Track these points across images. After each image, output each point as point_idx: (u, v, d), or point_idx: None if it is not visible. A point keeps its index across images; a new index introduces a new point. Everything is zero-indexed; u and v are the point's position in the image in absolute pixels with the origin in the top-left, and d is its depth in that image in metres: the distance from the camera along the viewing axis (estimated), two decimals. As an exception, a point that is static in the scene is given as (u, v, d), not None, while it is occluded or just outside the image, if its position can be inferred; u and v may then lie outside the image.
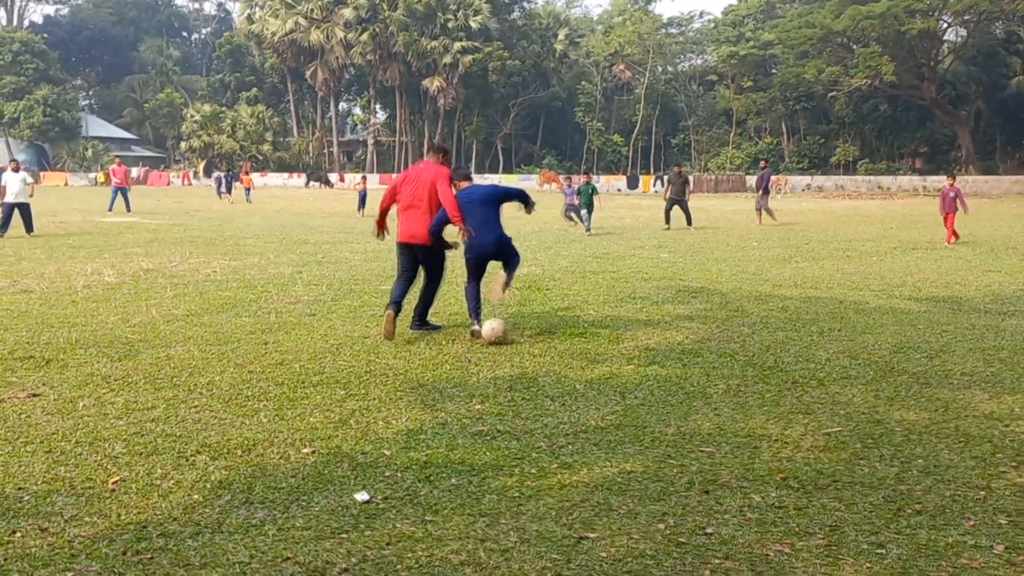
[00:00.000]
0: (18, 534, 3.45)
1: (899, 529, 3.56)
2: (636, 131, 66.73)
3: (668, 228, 21.14)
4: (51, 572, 3.13)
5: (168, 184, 61.26)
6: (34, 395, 5.49)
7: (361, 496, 3.88)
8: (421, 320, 7.88)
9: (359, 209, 26.99)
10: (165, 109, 72.51)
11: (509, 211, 8.07)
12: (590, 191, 19.32)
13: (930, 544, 3.42)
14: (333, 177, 61.93)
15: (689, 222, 21.61)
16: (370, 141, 70.81)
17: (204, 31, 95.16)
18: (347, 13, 63.31)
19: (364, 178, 32.17)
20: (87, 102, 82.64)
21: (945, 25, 55.39)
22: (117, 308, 8.80)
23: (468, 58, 61.15)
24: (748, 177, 57.46)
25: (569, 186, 21.20)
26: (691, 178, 23.52)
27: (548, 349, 7.10)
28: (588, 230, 19.26)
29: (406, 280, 7.76)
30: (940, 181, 22.52)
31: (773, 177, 27.60)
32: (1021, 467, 4.32)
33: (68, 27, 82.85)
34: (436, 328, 7.90)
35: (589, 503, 3.84)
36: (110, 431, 4.77)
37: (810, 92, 59.28)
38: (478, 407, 5.37)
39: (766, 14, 65.94)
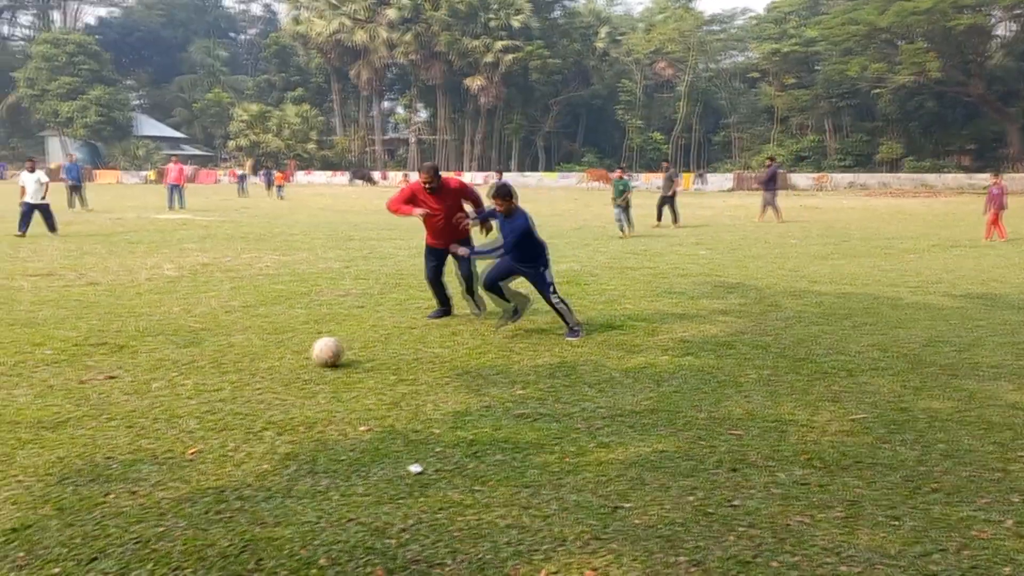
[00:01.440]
0: (111, 495, 3.87)
1: (915, 504, 3.82)
2: (677, 129, 66.52)
3: (657, 225, 21.06)
4: (144, 528, 3.53)
5: (216, 182, 62.57)
6: (111, 377, 5.94)
7: (415, 468, 4.24)
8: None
9: None
10: (213, 109, 74.06)
11: (549, 207, 8.38)
12: (622, 187, 18.65)
13: (943, 518, 3.67)
14: (376, 175, 62.74)
15: (675, 220, 21.41)
16: (412, 139, 71.57)
17: (251, 32, 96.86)
18: (391, 13, 64.07)
19: (406, 176, 32.70)
20: (138, 102, 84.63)
21: (994, 20, 54.33)
22: (179, 300, 9.29)
23: (509, 57, 61.54)
24: (791, 175, 57.05)
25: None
26: (678, 175, 23.33)
27: (587, 340, 7.40)
28: (623, 232, 18.35)
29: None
30: (988, 179, 22.25)
31: (816, 176, 27.42)
32: (1039, 452, 4.53)
33: (120, 29, 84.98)
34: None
35: (624, 478, 4.16)
36: (183, 409, 5.19)
37: (854, 89, 58.53)
38: (520, 392, 5.71)
39: (810, 11, 65.19)
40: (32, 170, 17.71)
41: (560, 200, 37.94)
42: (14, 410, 5.12)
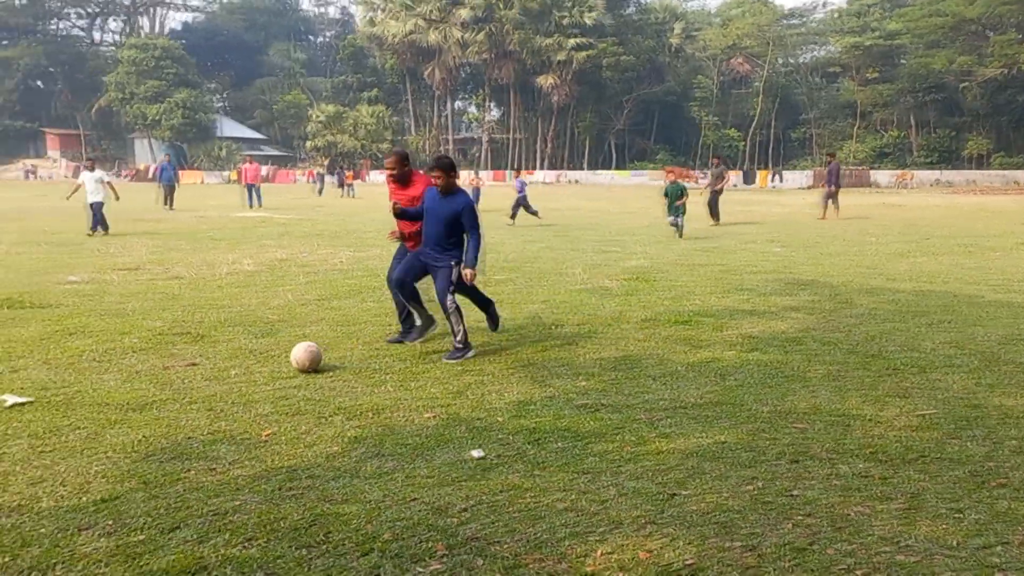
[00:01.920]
0: (192, 472, 4.09)
1: (979, 499, 3.75)
2: (753, 125, 65.36)
3: (716, 223, 20.80)
4: (222, 501, 3.73)
5: (294, 182, 64.17)
6: (192, 364, 6.24)
7: (476, 453, 4.36)
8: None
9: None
10: (291, 110, 76.00)
11: (620, 205, 8.41)
12: (678, 192, 17.36)
13: (1009, 512, 3.61)
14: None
15: (713, 216, 20.90)
16: (484, 138, 72.09)
17: (328, 34, 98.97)
18: (464, 13, 64.69)
19: (477, 174, 32.97)
20: (221, 104, 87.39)
21: (1093, 8, 51.75)
22: (257, 293, 9.65)
23: (582, 54, 61.47)
24: (872, 172, 55.44)
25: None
26: (726, 172, 22.77)
27: (652, 335, 7.42)
28: (680, 234, 17.13)
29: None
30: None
31: (898, 173, 26.69)
32: (1118, 451, 4.38)
33: (204, 33, 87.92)
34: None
35: (683, 467, 4.19)
36: (259, 395, 5.43)
37: (940, 83, 56.60)
38: (583, 384, 5.78)
39: (892, 3, 63.33)
40: (92, 169, 18.04)
41: (632, 198, 37.74)
42: (104, 393, 5.44)
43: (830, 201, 23.19)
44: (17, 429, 4.69)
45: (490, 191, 42.33)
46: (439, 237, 6.56)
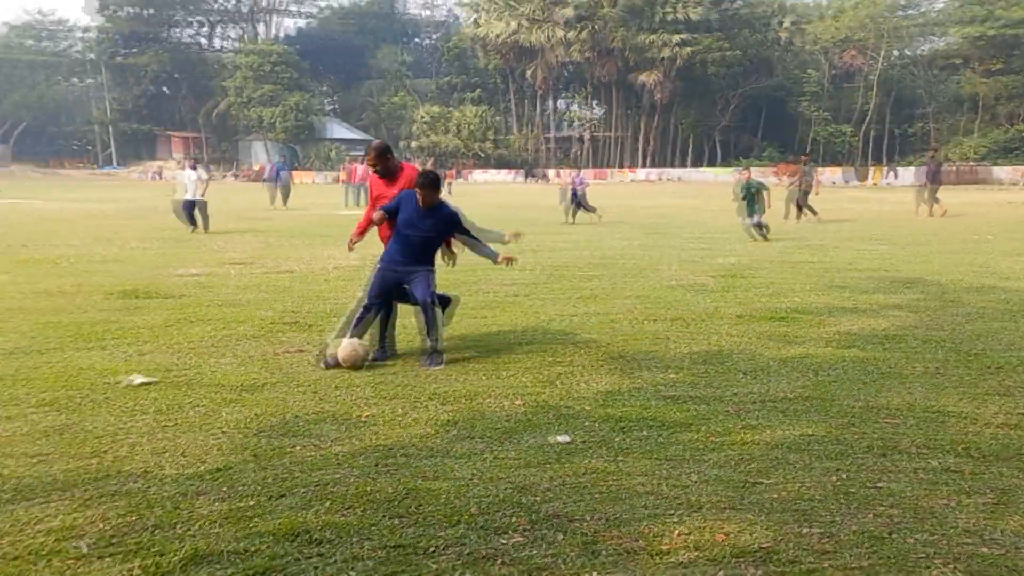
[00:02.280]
0: (297, 447, 4.40)
1: (1076, 497, 3.66)
2: (866, 120, 62.95)
3: (798, 221, 20.48)
4: (322, 474, 4.01)
5: (398, 181, 65.64)
6: (300, 351, 6.62)
7: (562, 438, 4.51)
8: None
9: (566, 202, 27.76)
10: (397, 111, 77.86)
11: (719, 203, 8.39)
12: (753, 190, 16.21)
13: (1106, 512, 3.50)
14: (550, 172, 63.65)
15: (799, 213, 20.55)
16: (585, 136, 72.01)
17: (433, 36, 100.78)
18: (566, 12, 64.79)
19: (578, 173, 33.01)
20: (331, 107, 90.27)
21: None
22: (360, 286, 10.04)
23: (686, 50, 60.65)
24: (994, 168, 52.58)
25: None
26: (812, 169, 22.02)
27: (745, 330, 7.40)
28: (764, 236, 15.92)
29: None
30: None
31: (1021, 169, 25.28)
32: None
33: (315, 38, 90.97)
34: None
35: (767, 457, 4.23)
36: (359, 380, 5.73)
37: (1073, 72, 53.13)
38: (672, 376, 5.84)
39: (1020, -12, 59.74)
40: (193, 167, 18.62)
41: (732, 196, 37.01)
42: (220, 375, 5.86)
43: (928, 198, 22.30)
44: (144, 405, 5.12)
45: (589, 189, 42.29)
46: (417, 253, 6.24)
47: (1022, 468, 4.01)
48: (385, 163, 6.55)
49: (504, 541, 3.29)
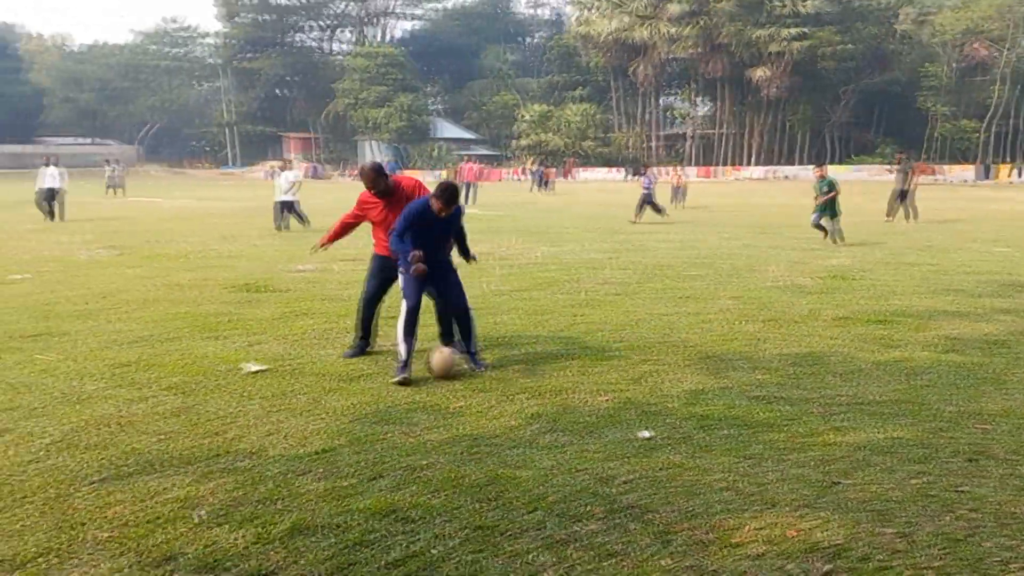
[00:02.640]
0: (392, 434, 4.67)
1: None
2: (994, 116, 59.57)
3: (889, 220, 19.74)
4: (413, 459, 4.26)
5: (500, 180, 66.40)
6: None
7: (644, 434, 4.62)
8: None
9: (672, 201, 27.62)
10: (502, 110, 78.62)
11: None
12: (824, 189, 15.20)
13: None
14: (653, 170, 63.01)
15: (907, 216, 19.64)
16: (690, 134, 70.91)
17: (539, 35, 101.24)
18: (673, 8, 63.97)
19: (678, 171, 32.70)
20: (437, 107, 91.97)
21: None
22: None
23: (798, 45, 58.90)
24: None
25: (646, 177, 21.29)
26: (914, 167, 20.90)
27: (843, 333, 7.29)
28: (838, 238, 15.02)
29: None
30: None
31: None
32: None
33: (424, 40, 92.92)
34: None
35: (850, 458, 4.23)
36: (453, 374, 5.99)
37: None
38: (761, 377, 5.85)
39: None
40: (286, 168, 19.12)
41: (846, 194, 35.82)
42: (324, 365, 6.22)
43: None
44: (255, 391, 5.52)
45: (695, 188, 41.77)
46: (444, 248, 6.36)
47: (1121, 479, 3.88)
48: (384, 183, 6.39)
49: (581, 527, 3.45)
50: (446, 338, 6.53)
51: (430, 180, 38.95)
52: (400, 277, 6.21)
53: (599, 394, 5.44)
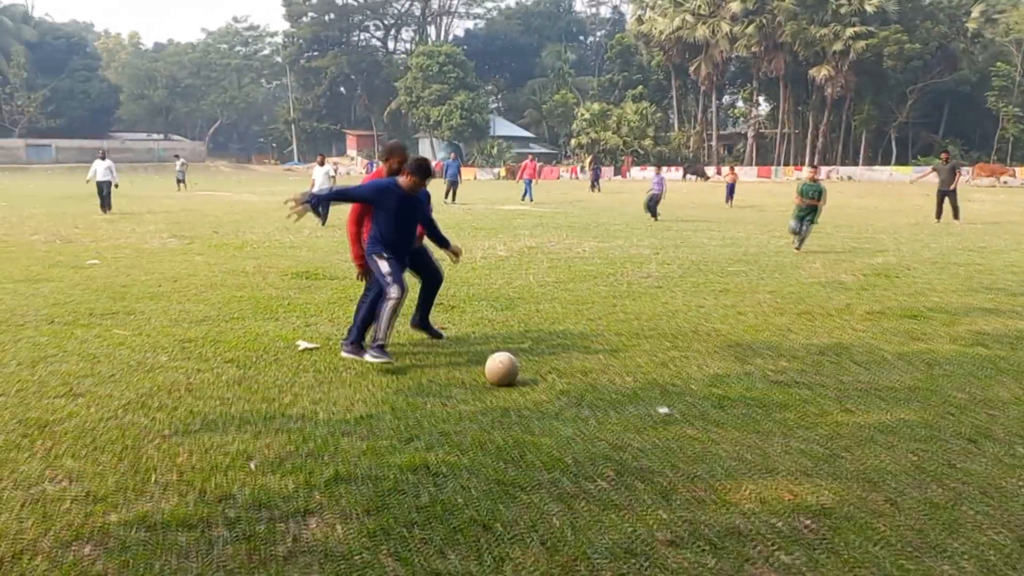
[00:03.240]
0: (428, 405, 5.08)
1: None
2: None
3: (939, 221, 19.52)
4: (447, 426, 4.66)
5: (558, 178, 66.68)
6: (442, 328, 7.35)
7: (663, 410, 4.95)
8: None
9: (727, 200, 27.60)
10: (559, 109, 78.91)
11: (891, 203, 8.42)
12: (811, 194, 13.57)
13: None
14: (710, 170, 62.54)
15: (956, 215, 19.41)
16: (750, 134, 70.17)
17: (599, 34, 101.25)
18: (734, 7, 63.43)
19: (733, 169, 32.52)
20: (495, 105, 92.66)
21: None
22: (503, 274, 10.77)
23: (861, 44, 57.89)
24: None
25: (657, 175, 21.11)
26: (959, 168, 20.49)
27: (872, 327, 7.47)
28: (798, 245, 13.63)
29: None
30: None
31: None
32: None
33: (484, 39, 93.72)
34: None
35: (855, 436, 4.50)
36: (489, 352, 6.37)
37: None
38: (784, 364, 6.11)
39: None
40: (322, 163, 19.24)
41: (909, 195, 35.29)
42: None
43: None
44: (306, 365, 5.99)
45: (751, 187, 41.49)
46: (411, 234, 6.33)
47: (1112, 460, 4.08)
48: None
49: (591, 485, 3.80)
50: (423, 320, 6.80)
51: (488, 178, 39.54)
52: (384, 263, 6.01)
53: (625, 375, 5.77)
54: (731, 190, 28.09)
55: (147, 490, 3.73)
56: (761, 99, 73.01)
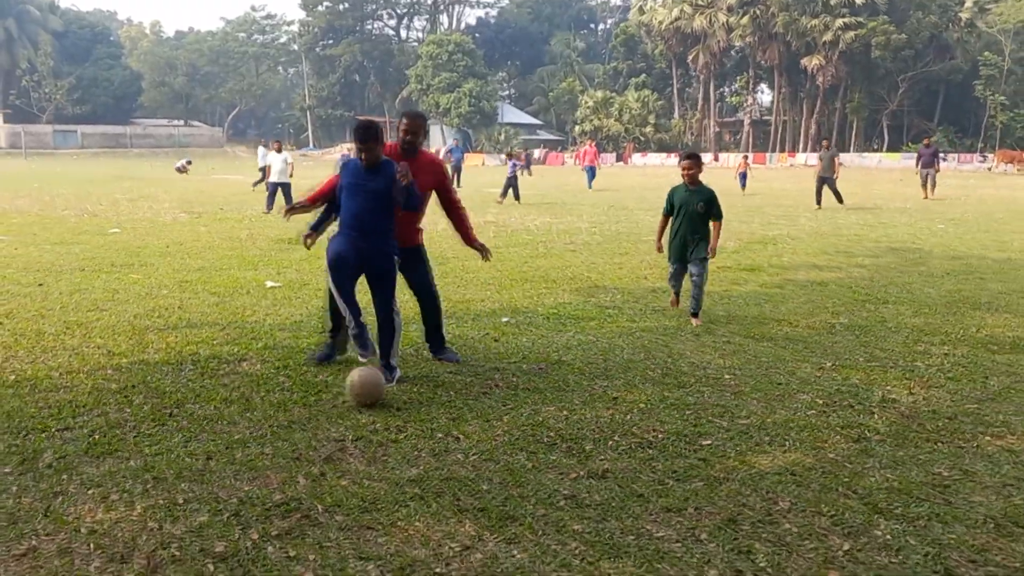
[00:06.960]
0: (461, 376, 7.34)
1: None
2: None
3: (818, 208, 19.65)
4: (480, 379, 6.91)
5: (563, 164, 68.69)
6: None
7: (505, 319, 7.18)
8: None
9: (742, 188, 28.19)
10: (566, 96, 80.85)
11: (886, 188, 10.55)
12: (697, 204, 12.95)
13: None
14: (707, 157, 64.35)
15: (839, 200, 19.84)
16: (747, 121, 71.87)
17: (608, 22, 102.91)
18: (729, -3, 65.17)
19: (745, 158, 32.66)
20: (505, 92, 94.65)
21: None
22: (453, 243, 13.02)
23: (850, 34, 59.45)
24: None
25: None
26: (839, 153, 21.34)
27: (711, 276, 9.64)
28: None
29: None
30: None
31: None
32: None
33: (494, 27, 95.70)
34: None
35: (624, 330, 6.71)
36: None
37: None
38: (618, 298, 8.31)
39: None
40: (279, 151, 19.00)
41: (882, 180, 37.09)
42: (321, 284, 8.94)
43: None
44: (268, 296, 8.26)
45: (762, 176, 43.20)
46: (380, 217, 5.31)
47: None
48: (420, 139, 5.63)
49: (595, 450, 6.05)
50: (433, 348, 6.22)
51: (495, 164, 41.28)
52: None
53: (494, 303, 8.01)
54: (742, 178, 28.21)
55: (146, 353, 6.02)
56: (758, 88, 74.57)
